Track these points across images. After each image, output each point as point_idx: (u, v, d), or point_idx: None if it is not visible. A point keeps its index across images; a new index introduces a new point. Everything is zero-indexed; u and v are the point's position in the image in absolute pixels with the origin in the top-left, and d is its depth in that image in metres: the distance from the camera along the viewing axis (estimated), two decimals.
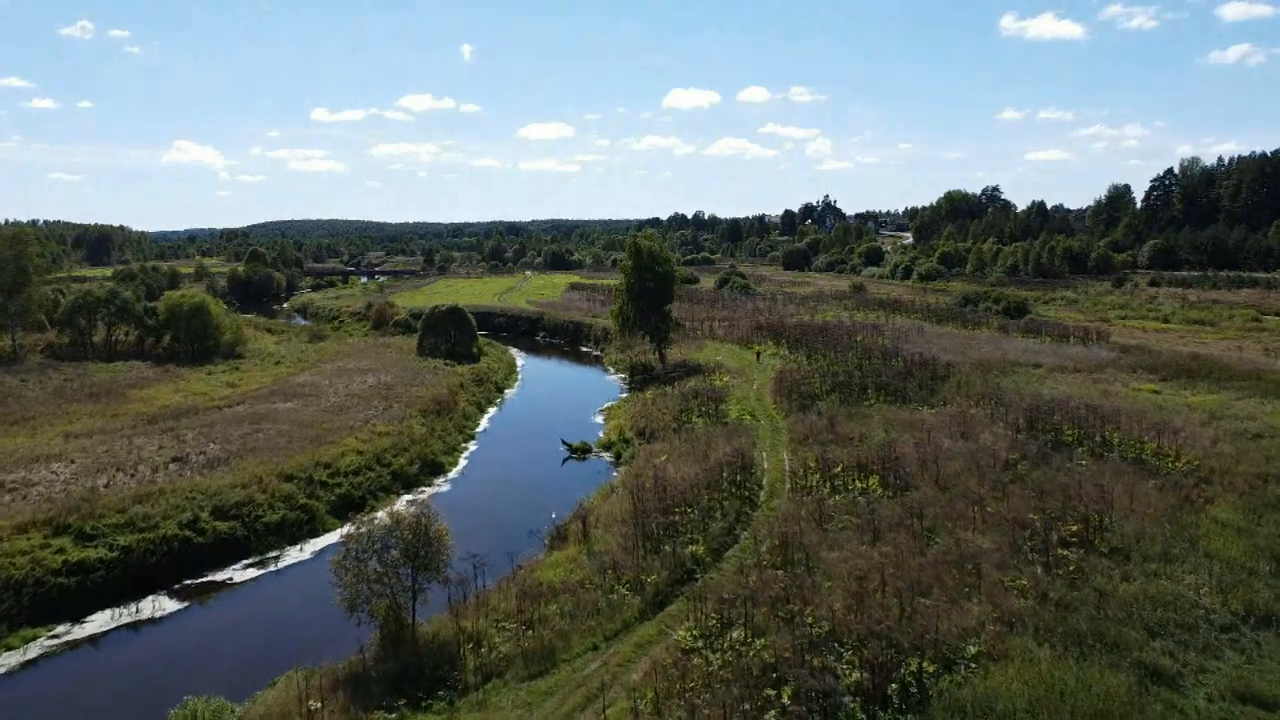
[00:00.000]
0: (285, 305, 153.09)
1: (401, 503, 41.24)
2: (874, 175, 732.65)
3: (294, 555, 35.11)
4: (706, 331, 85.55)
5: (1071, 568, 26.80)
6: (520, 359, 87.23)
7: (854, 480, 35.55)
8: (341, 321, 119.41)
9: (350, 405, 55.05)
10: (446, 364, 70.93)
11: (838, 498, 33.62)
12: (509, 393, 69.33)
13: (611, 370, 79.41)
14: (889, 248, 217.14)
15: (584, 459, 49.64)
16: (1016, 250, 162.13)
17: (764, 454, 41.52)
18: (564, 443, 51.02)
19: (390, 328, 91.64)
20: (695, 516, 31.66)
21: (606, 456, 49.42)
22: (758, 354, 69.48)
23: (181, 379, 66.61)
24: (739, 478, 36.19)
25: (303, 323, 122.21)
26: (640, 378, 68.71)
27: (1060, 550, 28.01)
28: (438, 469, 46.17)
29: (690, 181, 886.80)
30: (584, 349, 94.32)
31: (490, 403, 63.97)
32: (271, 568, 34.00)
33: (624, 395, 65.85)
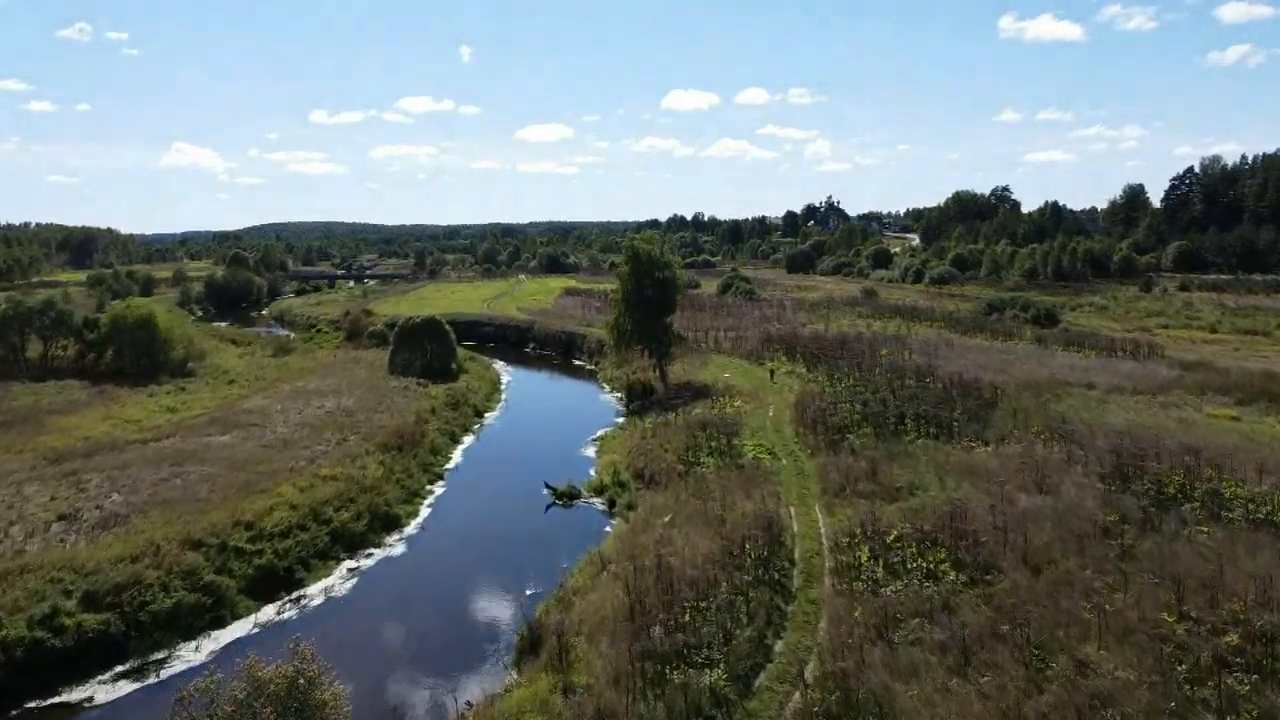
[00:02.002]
0: (264, 312, 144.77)
1: (341, 571, 33.25)
2: (873, 176, 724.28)
3: (187, 656, 26.91)
4: (711, 344, 77.48)
5: (1255, 714, 18.74)
6: (506, 374, 79.08)
7: (914, 556, 27.44)
8: (319, 330, 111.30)
9: (298, 439, 46.88)
10: (419, 384, 62.74)
11: (898, 585, 25.50)
12: (490, 417, 61.13)
13: (606, 388, 71.30)
14: (897, 250, 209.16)
15: (571, 505, 41.51)
16: (1034, 253, 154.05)
17: (792, 510, 33.43)
18: (547, 486, 42.88)
19: (365, 340, 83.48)
20: (712, 616, 23.58)
21: (598, 503, 41.28)
22: (771, 372, 61.37)
23: (117, 403, 58.47)
24: (765, 551, 28.07)
25: (276, 332, 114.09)
26: (638, 400, 60.59)
27: (1226, 681, 19.95)
28: (392, 523, 37.97)
29: (689, 183, 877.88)
30: (577, 361, 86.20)
31: (466, 430, 55.77)
32: (152, 677, 25.80)
33: (620, 421, 57.73)
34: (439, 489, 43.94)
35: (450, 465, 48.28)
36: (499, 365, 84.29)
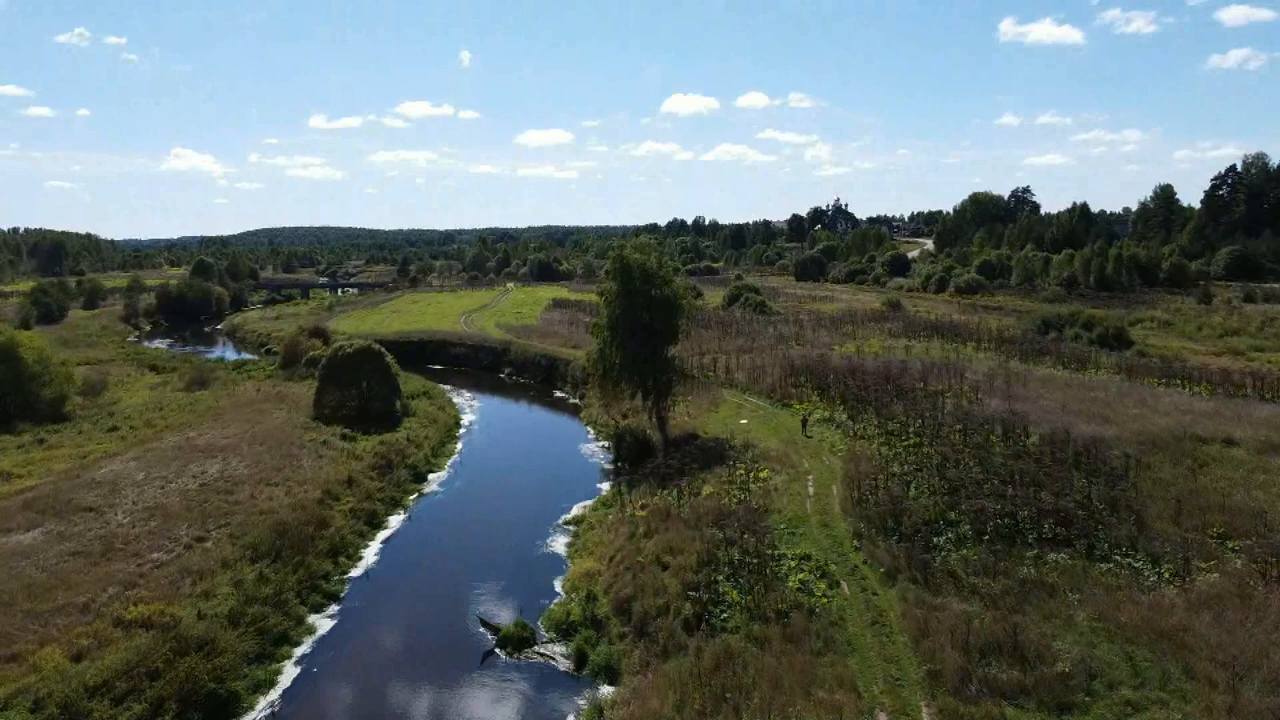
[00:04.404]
0: (220, 326, 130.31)
1: None
2: (873, 181, 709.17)
3: None
4: (721, 373, 63.11)
5: None
6: (470, 410, 64.76)
7: None
8: (269, 350, 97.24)
9: (134, 537, 32.50)
10: (345, 436, 48.37)
11: None
12: (435, 480, 46.73)
13: (591, 433, 57.03)
14: (913, 255, 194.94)
15: (520, 657, 27.16)
16: (1072, 259, 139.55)
17: None
18: (485, 623, 28.57)
19: (302, 368, 69.06)
20: None
21: (560, 655, 26.91)
22: (803, 420, 46.92)
23: None
24: None
25: (217, 354, 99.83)
26: (630, 460, 46.47)
27: None
28: (217, 713, 23.53)
29: (689, 188, 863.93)
30: (559, 393, 71.80)
31: (396, 506, 41.38)
32: None
33: (605, 489, 43.50)
34: (325, 624, 29.42)
35: (356, 572, 33.81)
36: (465, 397, 70.08)
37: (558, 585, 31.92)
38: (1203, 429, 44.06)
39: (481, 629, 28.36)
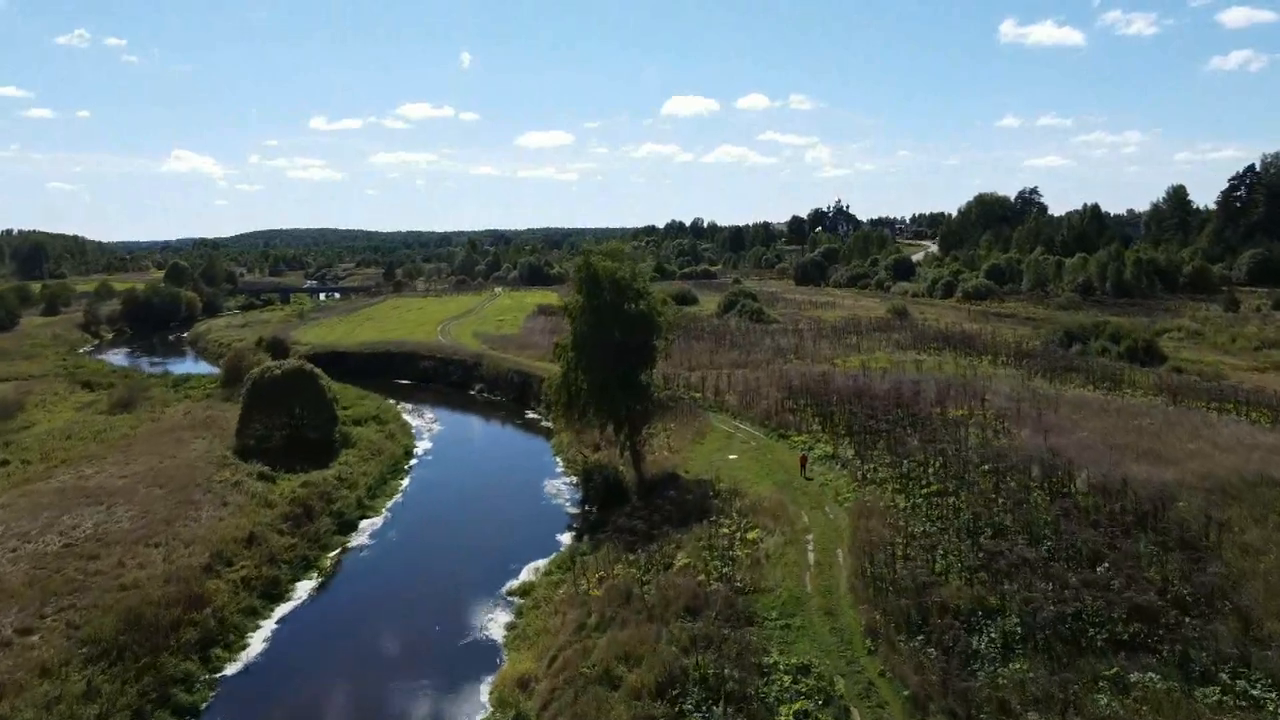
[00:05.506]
0: (186, 335, 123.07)
1: None
2: (873, 182, 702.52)
3: None
4: (710, 394, 55.93)
5: None
6: (427, 437, 57.54)
7: None
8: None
9: None
10: (263, 475, 41.13)
11: None
12: (366, 528, 39.57)
13: (560, 464, 49.94)
14: (917, 258, 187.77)
15: None
16: (1086, 263, 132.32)
17: None
18: None
19: (244, 386, 61.74)
20: None
21: None
22: (802, 459, 39.68)
23: None
24: None
25: (176, 367, 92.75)
26: (600, 503, 39.42)
27: None
28: None
29: (689, 189, 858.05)
30: (531, 414, 64.63)
31: (309, 568, 34.21)
32: None
33: (566, 543, 36.40)
34: None
35: (234, 669, 26.59)
36: (426, 419, 62.96)
37: (484, 692, 24.78)
38: (1272, 467, 37.02)
39: None
